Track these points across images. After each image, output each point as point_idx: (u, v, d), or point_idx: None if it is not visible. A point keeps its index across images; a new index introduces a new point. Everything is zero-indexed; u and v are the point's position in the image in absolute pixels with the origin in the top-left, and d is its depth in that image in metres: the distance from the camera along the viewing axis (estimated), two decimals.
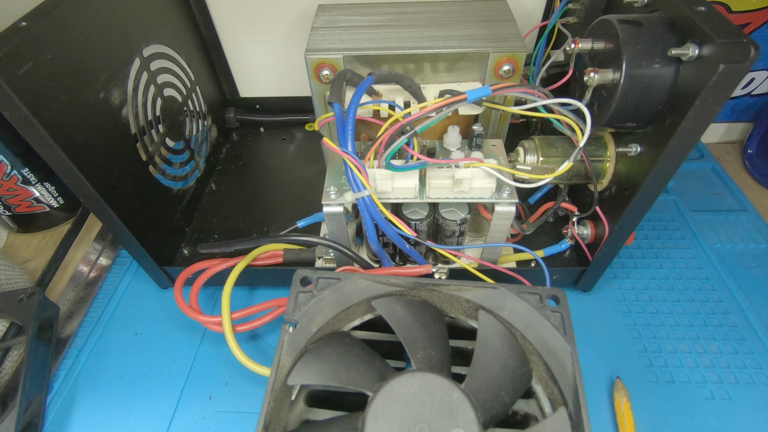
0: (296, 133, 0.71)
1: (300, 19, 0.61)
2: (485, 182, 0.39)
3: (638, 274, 0.53)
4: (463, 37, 0.44)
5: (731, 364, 0.45)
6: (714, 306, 0.50)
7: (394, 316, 0.34)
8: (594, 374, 0.44)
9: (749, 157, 0.68)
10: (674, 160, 0.35)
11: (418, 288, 0.37)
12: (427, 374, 0.30)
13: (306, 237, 0.45)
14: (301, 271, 0.37)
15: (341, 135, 0.37)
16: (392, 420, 0.29)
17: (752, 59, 0.28)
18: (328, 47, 0.43)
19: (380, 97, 0.43)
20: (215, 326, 0.43)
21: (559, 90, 0.42)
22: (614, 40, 0.35)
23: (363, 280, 0.36)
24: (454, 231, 0.43)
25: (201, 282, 0.46)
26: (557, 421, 0.30)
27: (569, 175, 0.45)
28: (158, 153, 0.51)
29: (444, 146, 0.41)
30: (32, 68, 0.34)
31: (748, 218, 0.58)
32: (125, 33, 0.45)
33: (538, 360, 0.34)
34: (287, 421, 0.32)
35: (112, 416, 0.44)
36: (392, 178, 0.39)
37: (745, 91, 0.67)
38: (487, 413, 0.30)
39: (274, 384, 0.31)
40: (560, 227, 0.51)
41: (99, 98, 0.41)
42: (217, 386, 0.45)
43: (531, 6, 0.59)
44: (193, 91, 0.59)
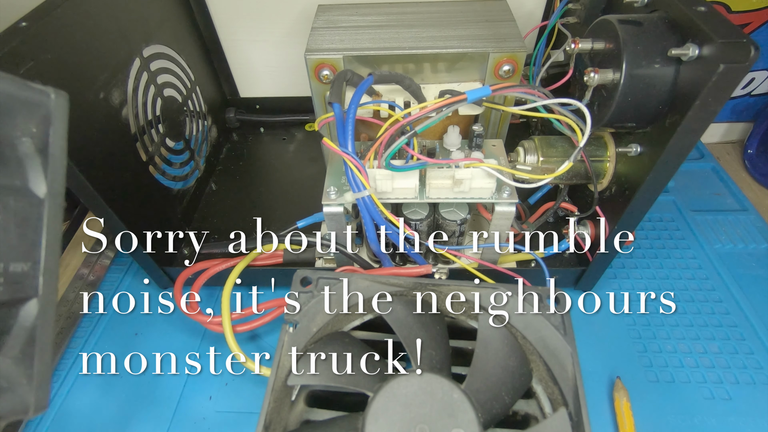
0: (296, 133, 0.71)
1: (300, 19, 0.61)
2: (485, 182, 0.39)
3: (638, 274, 0.53)
4: (463, 37, 0.44)
5: (731, 364, 0.45)
6: (714, 306, 0.50)
7: (395, 317, 0.34)
8: (594, 374, 0.44)
9: (749, 157, 0.68)
10: (674, 160, 0.35)
11: (418, 288, 0.37)
12: (428, 374, 0.30)
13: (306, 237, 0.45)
14: (301, 271, 0.37)
15: (341, 135, 0.37)
16: (392, 420, 0.29)
17: (752, 59, 0.28)
18: (328, 47, 0.43)
19: (380, 97, 0.43)
20: (215, 326, 0.43)
21: (559, 90, 0.42)
22: (614, 40, 0.35)
23: (363, 280, 0.36)
24: (454, 231, 0.43)
25: (201, 282, 0.46)
26: (557, 421, 0.30)
27: (569, 175, 0.45)
28: (158, 153, 0.51)
29: (444, 146, 0.41)
30: (32, 68, 0.34)
31: (748, 218, 0.58)
32: (125, 33, 0.45)
33: (538, 360, 0.34)
34: (287, 421, 0.32)
35: (112, 416, 0.44)
36: (392, 178, 0.39)
37: (745, 91, 0.67)
38: (488, 413, 0.30)
39: (274, 384, 0.31)
40: (560, 227, 0.51)
41: (99, 98, 0.41)
42: (217, 386, 0.45)
43: (531, 6, 0.59)
44: (193, 91, 0.59)
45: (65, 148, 0.26)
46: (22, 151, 0.24)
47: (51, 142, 0.25)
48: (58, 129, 0.25)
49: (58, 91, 0.25)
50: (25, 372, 0.24)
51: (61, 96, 0.25)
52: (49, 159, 0.25)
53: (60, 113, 0.25)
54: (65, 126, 0.26)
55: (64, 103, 0.25)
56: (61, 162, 0.26)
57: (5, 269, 0.23)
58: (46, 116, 0.25)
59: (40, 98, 0.24)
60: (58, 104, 0.25)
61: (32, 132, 0.25)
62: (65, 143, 0.26)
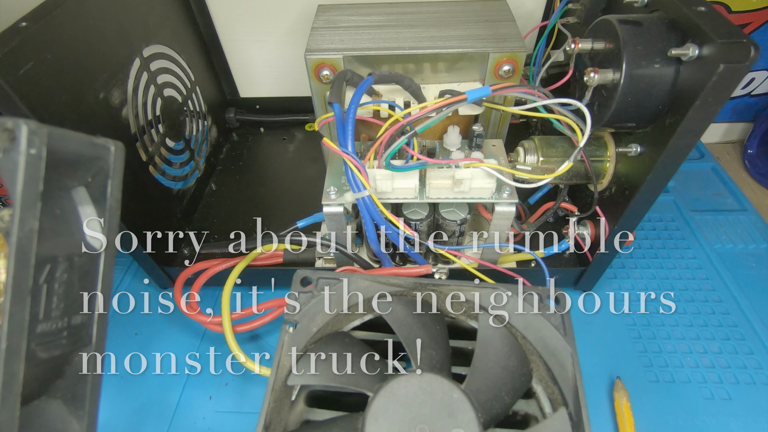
0: (296, 133, 0.71)
1: (300, 19, 0.61)
2: (485, 182, 0.39)
3: (638, 274, 0.53)
4: (463, 37, 0.44)
5: (731, 364, 0.45)
6: (714, 306, 0.50)
7: (394, 317, 0.34)
8: (594, 374, 0.44)
9: (749, 157, 0.68)
10: (674, 160, 0.35)
11: (418, 288, 0.37)
12: (428, 374, 0.30)
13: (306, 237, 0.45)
14: (301, 271, 0.37)
15: (341, 135, 0.37)
16: (392, 420, 0.29)
17: (752, 59, 0.28)
18: (328, 47, 0.43)
19: (380, 97, 0.43)
20: (215, 326, 0.43)
21: (559, 90, 0.42)
22: (614, 40, 0.35)
23: (363, 280, 0.36)
24: (454, 231, 0.43)
25: (201, 282, 0.46)
26: (557, 421, 0.30)
27: (569, 175, 0.45)
28: (158, 153, 0.51)
29: (444, 146, 0.41)
30: (32, 68, 0.34)
31: (748, 218, 0.58)
32: (125, 33, 0.45)
33: (538, 360, 0.34)
34: (287, 421, 0.32)
35: (112, 417, 0.44)
36: (392, 178, 0.39)
37: (745, 91, 0.67)
38: (488, 413, 0.30)
39: (274, 384, 0.31)
40: (560, 227, 0.51)
41: (99, 98, 0.41)
42: (217, 386, 0.45)
43: (531, 6, 0.59)
44: (193, 91, 0.59)
45: (120, 200, 0.26)
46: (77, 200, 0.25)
47: (109, 194, 0.26)
48: (115, 182, 0.26)
49: (117, 143, 0.25)
50: (76, 413, 0.26)
51: (119, 149, 0.25)
52: (107, 211, 0.26)
53: (118, 166, 0.26)
54: (121, 177, 0.26)
55: (121, 155, 0.26)
56: (117, 213, 0.26)
57: (69, 323, 0.24)
58: (104, 169, 0.25)
59: (102, 153, 0.25)
60: (116, 157, 0.25)
61: (87, 182, 0.25)
62: (120, 194, 0.26)
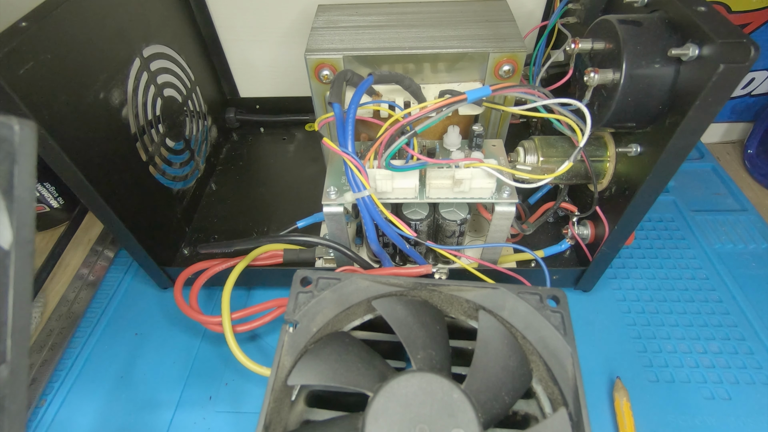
0: (296, 133, 0.71)
1: (300, 19, 0.61)
2: (485, 182, 0.39)
3: (638, 274, 0.53)
4: (463, 37, 0.44)
5: (731, 364, 0.45)
6: (714, 306, 0.50)
7: (395, 317, 0.34)
8: (594, 374, 0.44)
9: (749, 157, 0.68)
10: (674, 160, 0.35)
11: (418, 288, 0.37)
12: (428, 374, 0.30)
13: (306, 237, 0.45)
14: (301, 272, 0.37)
15: (341, 135, 0.37)
16: (392, 420, 0.29)
17: (752, 59, 0.28)
18: (328, 47, 0.43)
19: (380, 97, 0.43)
20: (215, 326, 0.43)
21: (559, 90, 0.42)
22: (614, 40, 0.35)
23: (363, 280, 0.36)
24: (454, 231, 0.43)
25: (201, 282, 0.46)
26: (557, 421, 0.30)
27: (569, 175, 0.45)
28: (158, 153, 0.51)
29: (444, 146, 0.41)
30: (32, 68, 0.34)
31: (748, 218, 0.58)
32: (125, 33, 0.45)
33: (538, 360, 0.34)
34: (287, 421, 0.32)
35: (112, 417, 0.44)
36: (392, 178, 0.39)
37: (745, 91, 0.67)
38: (488, 413, 0.30)
39: (274, 384, 0.31)
40: (560, 227, 0.51)
41: (99, 98, 0.41)
42: (217, 386, 0.45)
43: (531, 6, 0.59)
44: (193, 91, 0.59)
45: (34, 189, 0.22)
46: None
47: (16, 183, 0.21)
48: (24, 167, 0.21)
49: (24, 121, 0.21)
50: None
51: (27, 127, 0.21)
52: (15, 202, 0.21)
53: (27, 148, 0.21)
54: (33, 162, 0.21)
55: (31, 134, 0.21)
56: (30, 205, 0.21)
57: None
58: (9, 152, 0.20)
59: (5, 133, 0.20)
60: (24, 137, 0.21)
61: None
62: (34, 182, 0.22)
